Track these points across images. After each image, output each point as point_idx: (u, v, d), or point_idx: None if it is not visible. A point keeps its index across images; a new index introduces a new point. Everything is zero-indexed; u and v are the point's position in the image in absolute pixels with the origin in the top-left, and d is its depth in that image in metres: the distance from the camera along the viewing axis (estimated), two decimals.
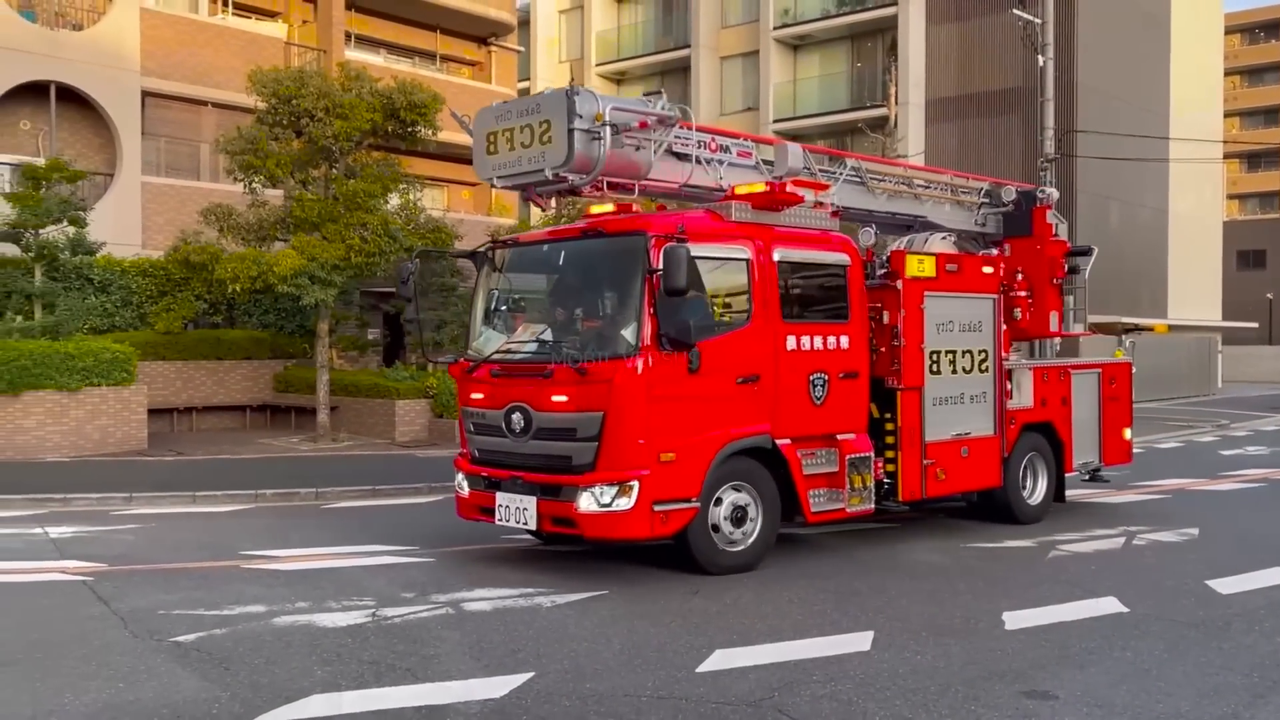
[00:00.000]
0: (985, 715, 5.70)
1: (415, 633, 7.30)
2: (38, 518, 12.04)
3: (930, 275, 10.57)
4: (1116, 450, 12.88)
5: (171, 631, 7.25)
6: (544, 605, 8.03)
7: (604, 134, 8.81)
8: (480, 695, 5.90)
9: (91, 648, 6.98)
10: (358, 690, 5.99)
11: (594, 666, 6.55)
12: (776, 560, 9.76)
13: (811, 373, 9.49)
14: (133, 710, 5.73)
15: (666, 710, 5.74)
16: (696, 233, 8.75)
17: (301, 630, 7.34)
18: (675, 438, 8.62)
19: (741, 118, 41.89)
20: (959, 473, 10.79)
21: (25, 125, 24.55)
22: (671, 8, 46.22)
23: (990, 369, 11.13)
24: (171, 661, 6.63)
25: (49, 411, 17.46)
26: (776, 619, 7.75)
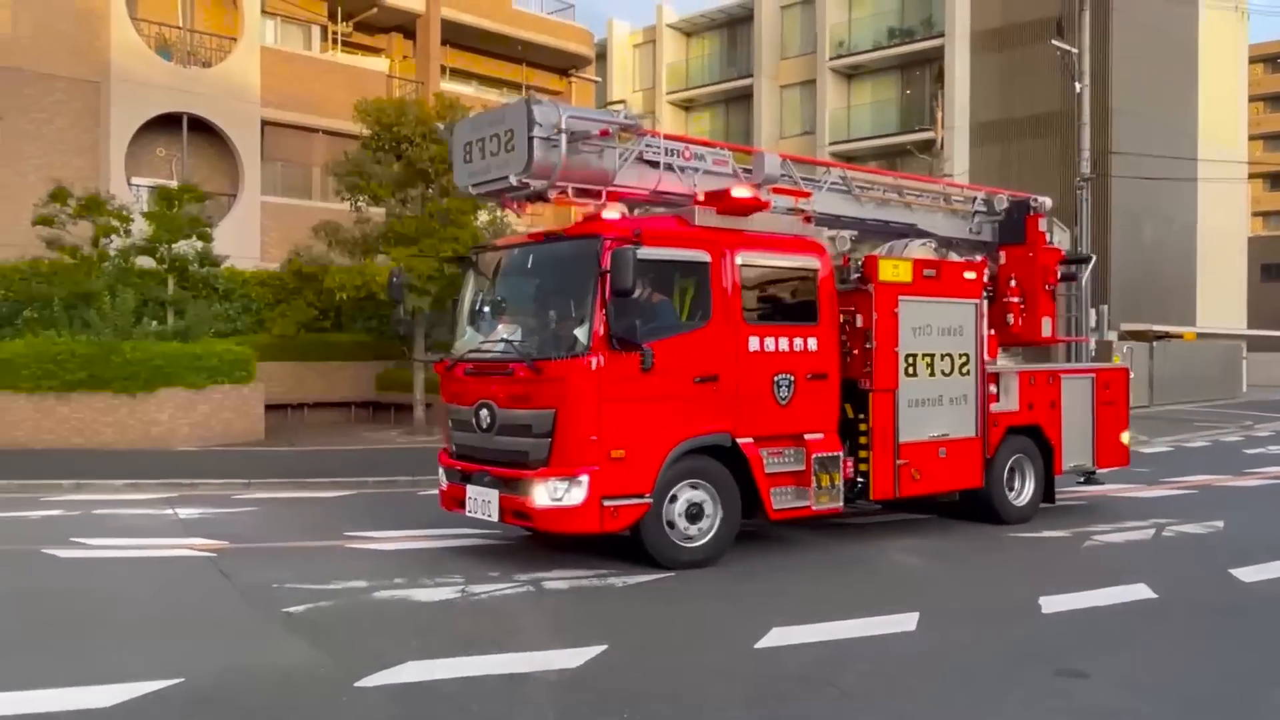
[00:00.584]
0: (1022, 692, 5.59)
1: (500, 608, 7.35)
2: (169, 500, 12.32)
3: (905, 280, 10.00)
4: (1112, 453, 12.05)
5: (283, 603, 7.36)
6: (615, 585, 8.04)
7: (559, 141, 8.43)
8: (558, 665, 5.91)
9: (215, 617, 7.14)
10: (448, 659, 6.02)
11: (661, 642, 6.54)
12: (825, 547, 9.68)
13: (776, 373, 8.99)
14: (251, 673, 5.84)
15: (727, 682, 5.71)
16: (654, 236, 8.42)
17: (398, 604, 7.42)
18: (626, 435, 8.20)
19: (799, 141, 41.62)
20: (936, 473, 10.15)
21: (161, 152, 25.19)
22: (735, 41, 46.10)
23: (972, 372, 10.48)
24: (283, 630, 6.75)
25: (179, 406, 17.87)
26: (827, 601, 7.67)
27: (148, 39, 25.15)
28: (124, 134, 24.14)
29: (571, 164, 8.65)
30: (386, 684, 5.59)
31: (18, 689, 5.40)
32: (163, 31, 25.78)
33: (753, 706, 5.33)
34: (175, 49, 25.81)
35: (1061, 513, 11.70)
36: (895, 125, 40.06)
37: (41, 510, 11.50)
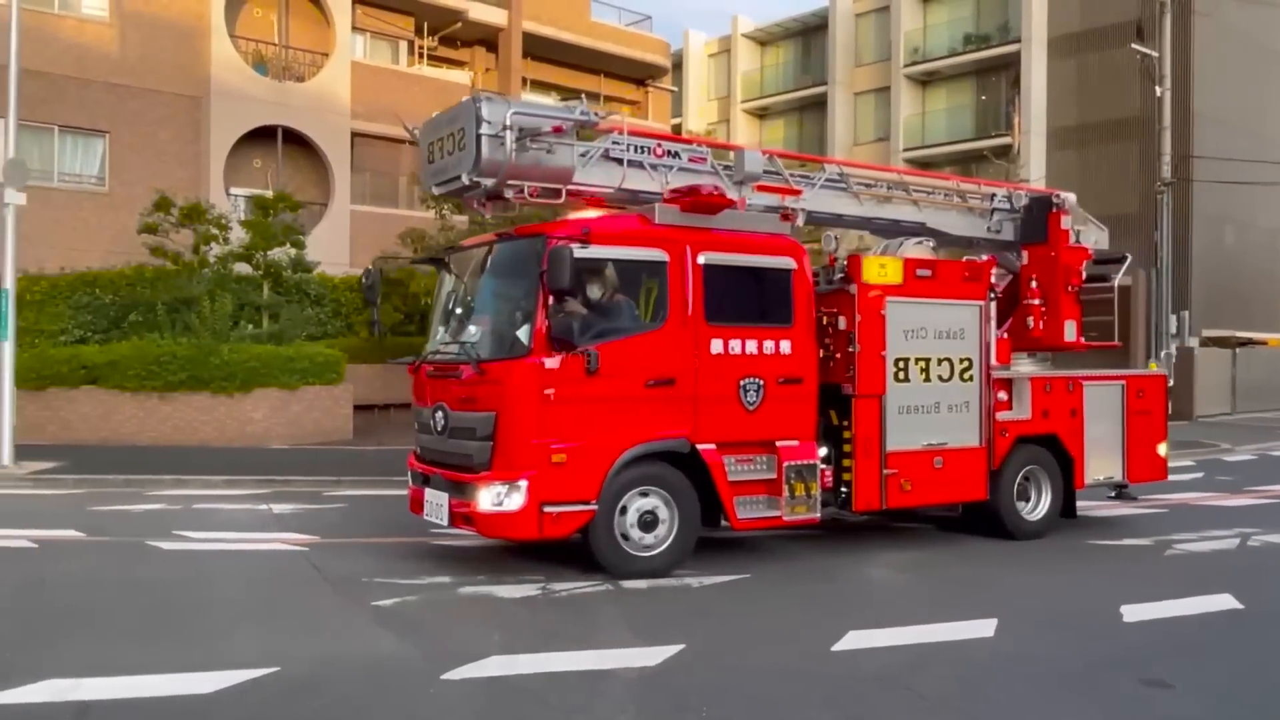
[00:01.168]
0: (1103, 701, 5.43)
1: (580, 605, 7.38)
2: (263, 496, 12.62)
3: (895, 281, 9.21)
4: (1148, 466, 10.83)
5: (372, 597, 7.47)
6: (692, 585, 8.01)
7: (505, 138, 8.05)
8: (637, 663, 5.90)
9: (307, 608, 7.29)
10: (530, 654, 6.05)
11: (738, 641, 6.51)
12: (901, 550, 9.52)
13: (743, 377, 8.38)
14: (342, 662, 5.94)
15: (803, 683, 5.66)
16: (605, 235, 7.98)
17: (482, 599, 7.49)
18: (569, 439, 7.72)
19: (874, 147, 41.18)
20: (930, 484, 9.32)
21: (257, 163, 25.88)
22: (810, 50, 45.75)
23: (975, 378, 9.59)
24: (373, 623, 6.85)
25: (273, 406, 18.31)
26: (905, 605, 7.56)
27: (245, 55, 25.84)
28: (223, 146, 24.85)
29: (522, 161, 8.23)
30: (471, 677, 5.64)
31: (126, 674, 5.58)
32: (259, 48, 26.47)
33: (830, 708, 5.28)
34: (271, 65, 26.48)
35: (1143, 521, 11.39)
36: (971, 131, 39.38)
37: (145, 504, 11.86)
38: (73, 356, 18.22)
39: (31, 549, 9.25)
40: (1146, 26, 29.02)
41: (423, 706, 5.27)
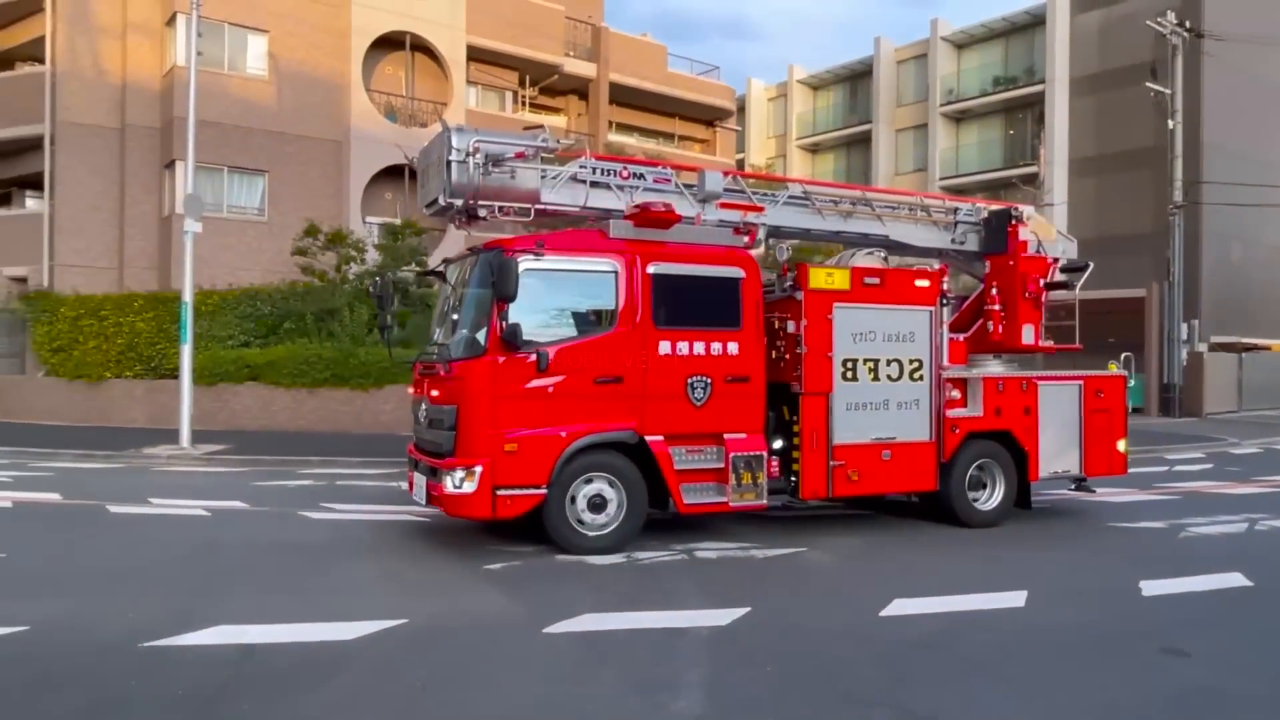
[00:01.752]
0: (1126, 666, 5.22)
1: (659, 572, 7.34)
2: (393, 475, 12.81)
3: (842, 288, 8.77)
4: (1106, 461, 10.00)
5: (484, 561, 7.57)
6: (757, 556, 7.93)
7: (469, 164, 8.01)
8: (709, 623, 5.86)
9: (430, 570, 7.38)
10: (617, 612, 6.07)
11: (796, 606, 6.42)
12: (939, 531, 9.29)
13: (690, 376, 8.10)
14: (459, 616, 6.03)
15: (854, 643, 5.55)
16: (560, 247, 7.89)
17: (575, 565, 7.50)
18: (520, 430, 7.57)
19: (913, 177, 40.41)
20: (878, 475, 8.86)
21: (388, 196, 26.40)
22: (856, 92, 45.09)
23: (925, 377, 9.07)
24: (484, 583, 6.93)
25: (401, 399, 18.59)
26: (943, 577, 7.36)
27: (379, 106, 26.39)
28: (360, 182, 25.41)
29: (490, 184, 8.15)
30: (568, 631, 5.67)
31: (282, 622, 5.72)
32: (390, 100, 27.00)
33: (880, 665, 5.17)
34: (399, 113, 26.99)
35: (1158, 506, 10.95)
36: (1000, 162, 38.38)
37: (297, 480, 12.17)
38: (238, 358, 18.82)
39: (206, 516, 9.56)
40: (1160, 67, 28.02)
41: (528, 654, 5.29)
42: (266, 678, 4.84)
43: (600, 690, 4.77)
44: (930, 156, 40.27)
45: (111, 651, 5.18)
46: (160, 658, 5.10)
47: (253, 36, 24.21)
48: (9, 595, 6.40)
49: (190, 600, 6.26)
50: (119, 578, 6.97)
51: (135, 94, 23.54)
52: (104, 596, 6.43)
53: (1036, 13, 37.28)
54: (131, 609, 6.06)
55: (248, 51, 24.26)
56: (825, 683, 4.90)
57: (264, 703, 4.50)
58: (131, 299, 20.27)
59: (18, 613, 5.82)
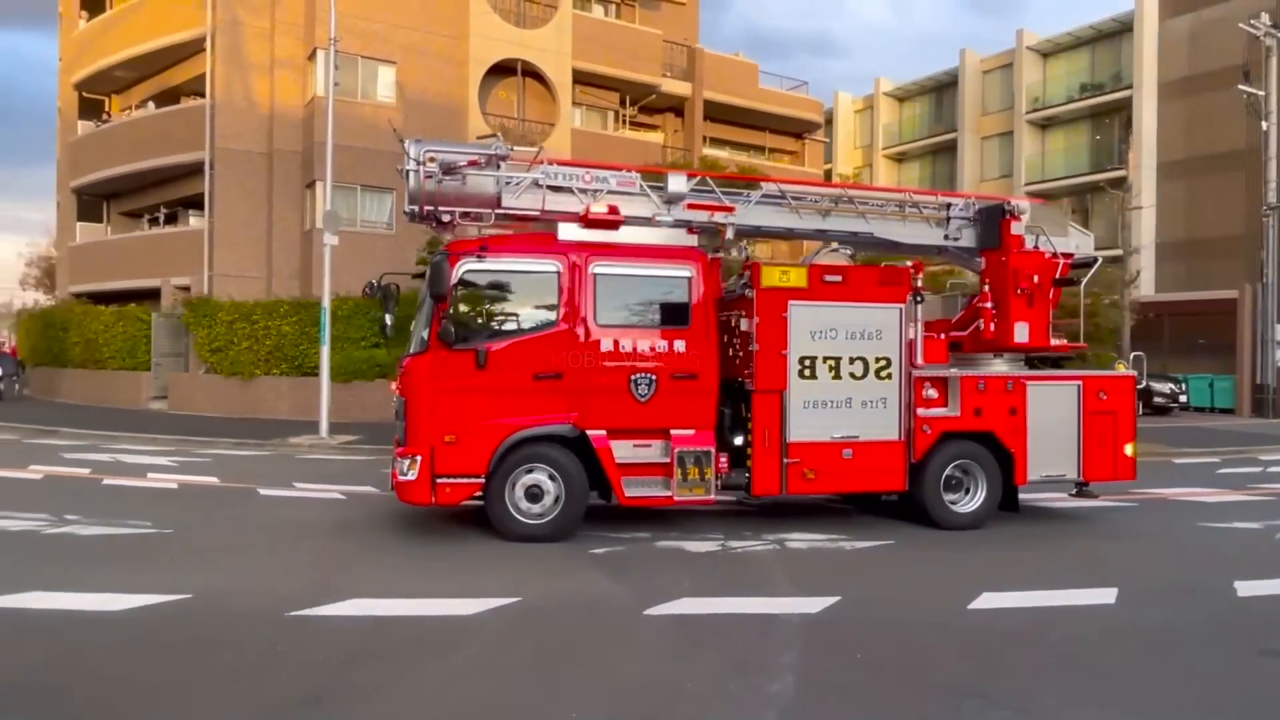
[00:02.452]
0: (1219, 665, 4.89)
1: (753, 560, 7.27)
2: None
3: (798, 285, 8.18)
4: (1109, 466, 8.88)
5: (590, 546, 7.60)
6: (845, 548, 7.76)
7: (419, 172, 7.89)
8: (800, 610, 5.76)
9: (540, 553, 7.42)
10: (714, 597, 6.01)
11: (885, 597, 6.25)
12: (1026, 525, 8.92)
13: (634, 373, 7.80)
14: (568, 596, 6.07)
15: (943, 634, 5.36)
16: (501, 250, 7.74)
17: (674, 552, 7.50)
18: (458, 423, 7.46)
19: (998, 183, 38.96)
20: (838, 474, 8.23)
21: None
22: (941, 103, 43.74)
23: (894, 376, 8.35)
24: (590, 566, 6.97)
25: None
26: (1032, 573, 7.05)
27: (492, 127, 26.91)
28: None
29: (444, 191, 7.96)
30: (668, 613, 5.66)
31: (406, 597, 5.89)
32: (503, 121, 27.56)
33: (969, 657, 4.98)
34: (511, 134, 27.48)
35: (1251, 507, 10.25)
36: (1086, 166, 36.62)
37: None
38: (369, 357, 19.50)
39: (341, 499, 9.93)
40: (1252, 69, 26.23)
41: (630, 633, 5.31)
42: (395, 647, 4.99)
43: (698, 669, 4.74)
44: (1015, 163, 38.76)
45: (261, 618, 5.42)
46: (302, 626, 5.32)
47: (382, 68, 25.08)
48: (178, 567, 6.78)
49: (329, 575, 6.50)
50: (268, 553, 7.31)
51: (281, 122, 24.70)
52: (256, 569, 6.75)
53: (1124, 19, 35.47)
54: (279, 581, 6.34)
55: (378, 81, 25.15)
56: (914, 671, 4.75)
57: (392, 669, 4.64)
58: (278, 305, 21.22)
59: (184, 582, 6.16)
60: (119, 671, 4.58)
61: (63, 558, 7.00)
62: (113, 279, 27.27)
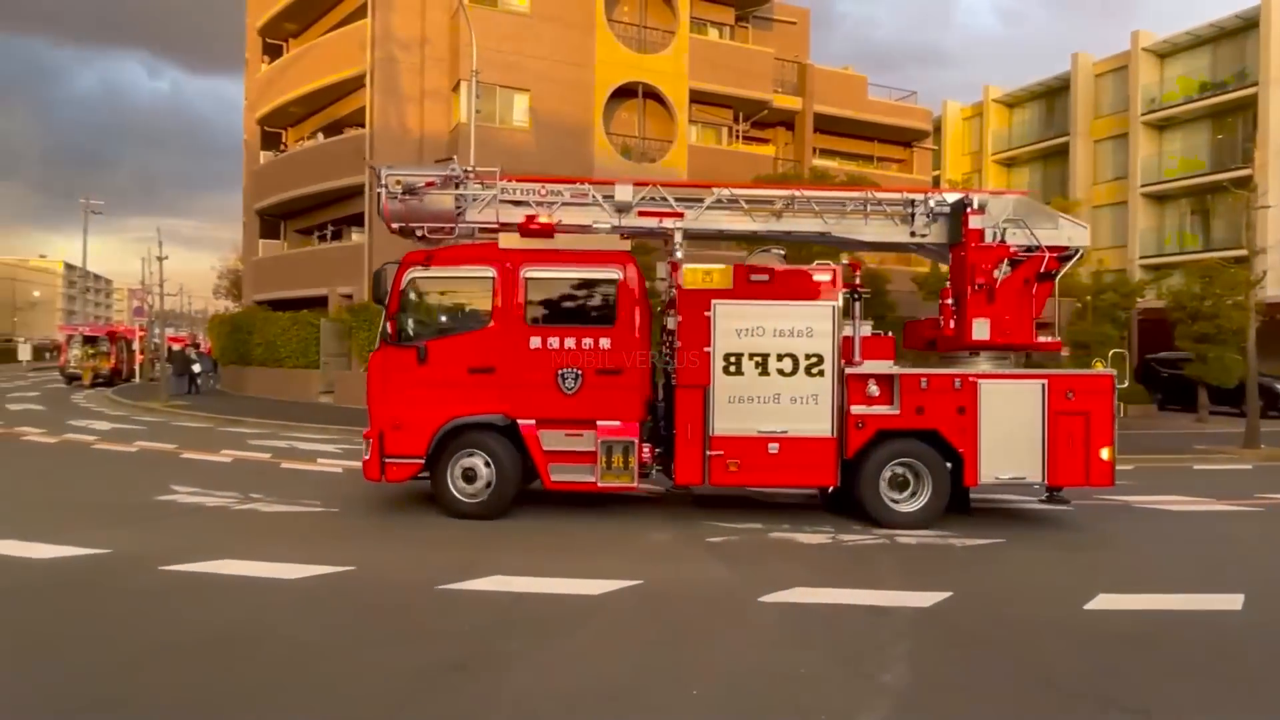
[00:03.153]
0: None
1: (863, 553, 7.07)
2: None
3: (723, 285, 7.99)
4: (1081, 470, 7.93)
5: (705, 535, 7.60)
6: (956, 545, 7.43)
7: (382, 193, 8.44)
8: (912, 604, 5.57)
9: (659, 540, 7.50)
10: (825, 588, 5.89)
11: (998, 594, 5.94)
12: (1152, 524, 8.30)
13: (560, 368, 8.00)
14: (686, 581, 6.07)
15: (1057, 633, 5.05)
16: (445, 259, 8.20)
17: (786, 543, 7.38)
18: (403, 411, 7.99)
19: (1112, 185, 36.50)
20: (763, 467, 7.93)
21: None
22: (1053, 108, 41.30)
23: (827, 372, 7.95)
24: (706, 554, 6.94)
25: None
26: (1151, 575, 6.56)
27: (616, 146, 27.32)
28: None
29: (410, 209, 8.48)
30: (780, 601, 5.58)
31: (541, 576, 6.03)
32: (625, 140, 27.88)
33: (1086, 657, 4.67)
34: (633, 151, 27.79)
35: None
36: (1206, 166, 33.79)
37: None
38: None
39: None
40: None
41: (745, 619, 5.26)
42: (531, 621, 5.12)
43: (811, 657, 4.65)
44: (1130, 165, 36.16)
45: (415, 590, 5.68)
46: (451, 598, 5.54)
47: (518, 95, 25.82)
48: (343, 541, 7.19)
49: (473, 553, 6.74)
50: (421, 531, 7.64)
51: (429, 146, 25.80)
52: (410, 546, 7.07)
53: (1248, 16, 32.51)
54: (429, 557, 6.63)
55: (514, 108, 25.91)
56: (1029, 669, 4.50)
57: (529, 641, 4.76)
58: None
59: (349, 555, 6.53)
60: (295, 632, 4.89)
61: (249, 531, 7.55)
62: (288, 288, 29.23)
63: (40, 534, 7.02)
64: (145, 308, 30.16)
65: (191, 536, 7.22)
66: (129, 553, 6.53)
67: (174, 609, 5.26)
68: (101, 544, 6.74)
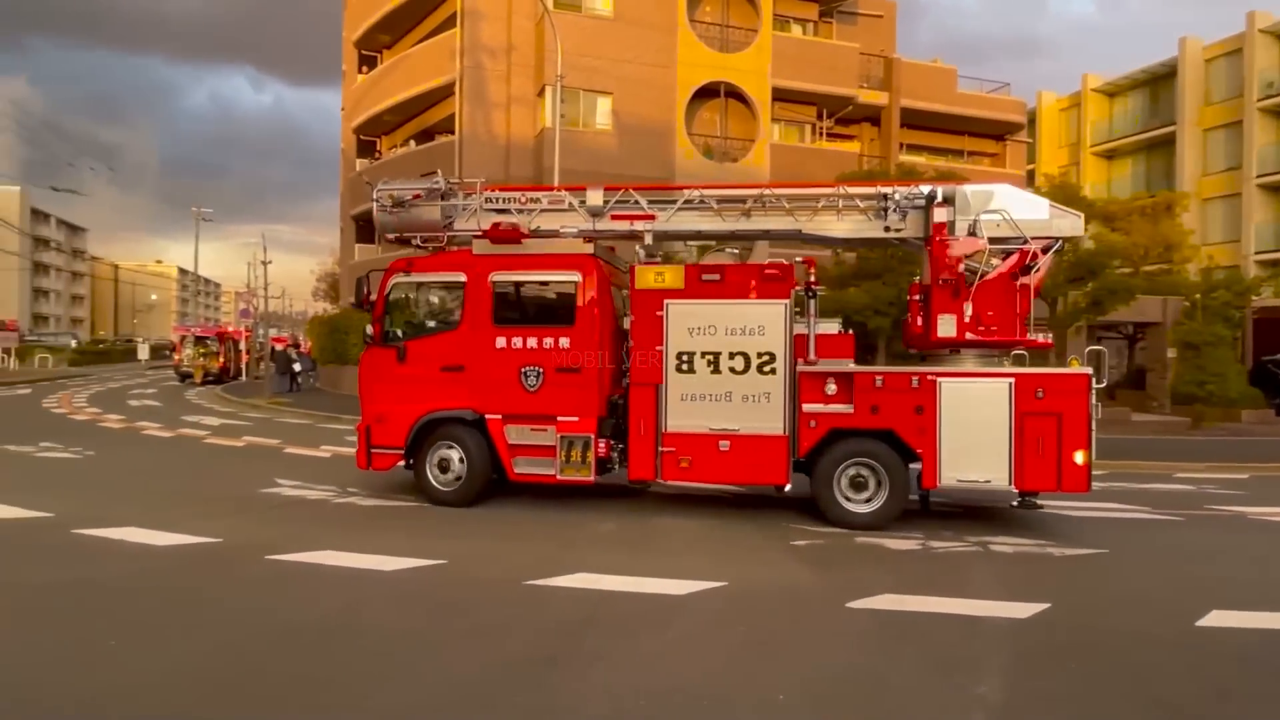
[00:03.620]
0: None
1: (954, 561, 6.85)
2: None
3: (675, 285, 8.10)
4: (1054, 474, 7.47)
5: (791, 539, 7.49)
6: (1054, 554, 7.11)
7: (374, 206, 9.03)
8: (1006, 615, 5.36)
9: (744, 542, 7.43)
10: (914, 595, 5.70)
11: (1101, 606, 5.65)
12: (1263, 541, 7.77)
13: (523, 366, 8.42)
14: (772, 583, 6.01)
15: (1165, 650, 4.79)
16: (423, 265, 8.92)
17: (874, 548, 7.22)
18: (385, 405, 8.74)
19: (1223, 176, 34.36)
20: (714, 464, 7.98)
21: None
22: (1157, 96, 39.12)
23: (779, 371, 7.88)
24: (792, 557, 6.86)
25: None
26: (1269, 592, 6.13)
27: (698, 146, 27.28)
28: None
29: (401, 220, 8.99)
30: (868, 607, 5.47)
31: (626, 575, 6.07)
32: (706, 140, 27.80)
33: (1196, 677, 4.41)
34: (714, 151, 27.69)
35: None
36: None
37: None
38: None
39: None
40: None
41: (832, 625, 5.18)
42: (617, 619, 5.17)
43: (901, 664, 4.54)
44: (1245, 154, 33.95)
45: (503, 585, 5.81)
46: (536, 594, 5.64)
47: (600, 99, 26.09)
48: (435, 536, 7.41)
49: (560, 550, 6.86)
50: (510, 527, 7.82)
51: (515, 151, 26.34)
52: (499, 541, 7.24)
53: None
54: (517, 553, 6.77)
55: (597, 111, 26.19)
56: (1134, 686, 4.28)
57: (615, 639, 4.81)
58: None
59: (441, 548, 6.74)
60: (393, 623, 5.07)
61: (347, 523, 7.87)
62: None
63: (159, 522, 7.49)
64: (250, 309, 31.79)
65: (295, 528, 7.58)
66: (238, 542, 6.90)
67: (280, 597, 5.53)
68: (213, 533, 7.14)
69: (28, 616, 5.09)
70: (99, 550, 6.65)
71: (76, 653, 4.48)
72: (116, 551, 6.63)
